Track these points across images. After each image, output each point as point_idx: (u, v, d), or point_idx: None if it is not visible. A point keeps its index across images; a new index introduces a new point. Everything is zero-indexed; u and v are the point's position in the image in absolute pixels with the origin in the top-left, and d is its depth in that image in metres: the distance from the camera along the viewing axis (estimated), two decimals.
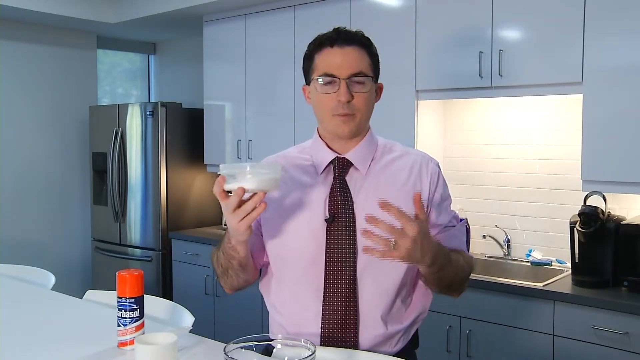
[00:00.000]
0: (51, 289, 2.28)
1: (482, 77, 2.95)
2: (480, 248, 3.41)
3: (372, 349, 1.49)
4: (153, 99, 5.51)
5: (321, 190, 1.51)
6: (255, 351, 1.31)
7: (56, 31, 4.69)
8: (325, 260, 1.47)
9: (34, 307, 2.02)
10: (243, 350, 1.27)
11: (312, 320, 1.49)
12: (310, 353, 1.21)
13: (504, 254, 3.31)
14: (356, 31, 1.53)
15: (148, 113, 4.25)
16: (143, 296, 1.56)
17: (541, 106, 3.21)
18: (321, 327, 1.48)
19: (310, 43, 1.53)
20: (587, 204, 2.71)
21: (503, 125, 3.34)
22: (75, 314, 1.95)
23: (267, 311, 1.63)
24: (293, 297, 1.53)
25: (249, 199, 1.31)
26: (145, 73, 5.53)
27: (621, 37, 2.59)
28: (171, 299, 3.12)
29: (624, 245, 2.63)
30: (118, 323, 1.54)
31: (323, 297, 1.47)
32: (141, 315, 1.54)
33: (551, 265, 3.09)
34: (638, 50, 2.55)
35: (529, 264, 3.16)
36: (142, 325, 1.55)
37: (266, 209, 1.36)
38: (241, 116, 4.12)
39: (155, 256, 4.29)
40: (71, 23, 4.52)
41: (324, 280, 1.47)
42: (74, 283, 4.73)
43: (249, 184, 1.28)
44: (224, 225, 4.31)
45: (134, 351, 1.40)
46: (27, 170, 4.58)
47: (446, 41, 3.09)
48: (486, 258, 3.33)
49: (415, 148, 3.14)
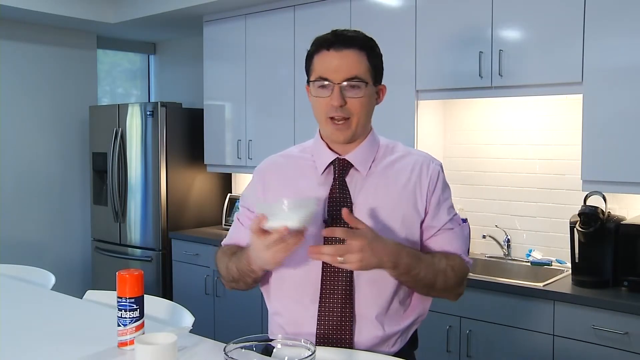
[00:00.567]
0: (51, 289, 2.29)
1: (482, 77, 2.95)
2: (480, 248, 3.41)
3: (369, 350, 1.48)
4: (153, 99, 5.51)
5: (321, 191, 1.51)
6: (255, 351, 1.31)
7: (56, 31, 4.69)
8: (322, 261, 1.47)
9: (34, 307, 2.02)
10: (243, 350, 1.27)
11: (310, 320, 1.49)
12: (310, 353, 1.21)
13: (504, 254, 3.31)
14: (356, 32, 1.50)
15: (148, 113, 4.25)
16: (143, 296, 1.56)
17: (541, 106, 3.20)
18: (317, 328, 1.48)
19: (311, 43, 1.53)
20: (587, 204, 2.71)
21: (503, 125, 3.34)
22: (75, 314, 1.95)
23: (267, 311, 1.63)
24: (292, 298, 1.53)
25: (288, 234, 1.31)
26: (145, 73, 5.53)
27: (621, 37, 2.59)
28: (171, 299, 3.12)
29: (624, 245, 2.63)
30: (118, 323, 1.54)
31: (320, 298, 1.48)
32: (141, 315, 1.54)
33: (551, 265, 3.09)
34: (638, 50, 2.55)
35: (529, 264, 3.15)
36: (142, 325, 1.55)
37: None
38: (241, 116, 4.12)
39: (155, 256, 4.29)
40: (71, 23, 4.53)
41: (321, 280, 1.48)
42: (74, 283, 4.73)
43: (292, 223, 1.30)
44: (224, 225, 4.31)
45: (134, 351, 1.40)
46: (27, 170, 4.58)
47: (446, 41, 3.09)
48: (486, 258, 3.33)
49: (415, 148, 3.15)
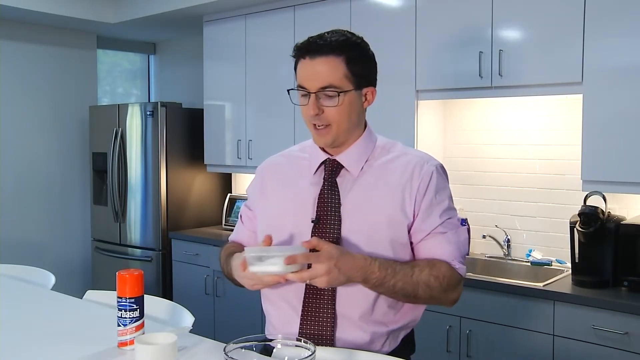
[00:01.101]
0: (51, 289, 2.28)
1: (482, 77, 2.95)
2: (480, 248, 3.41)
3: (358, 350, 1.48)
4: (153, 99, 5.51)
5: (311, 190, 1.52)
6: (255, 351, 1.31)
7: (56, 31, 4.69)
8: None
9: (34, 307, 2.02)
10: (243, 350, 1.27)
11: (296, 318, 1.50)
12: (310, 353, 1.21)
13: (504, 254, 3.30)
14: (331, 37, 1.44)
15: (148, 113, 4.25)
16: (143, 296, 1.56)
17: (541, 106, 3.20)
18: (300, 325, 1.49)
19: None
20: (587, 204, 2.70)
21: (503, 125, 3.34)
22: (75, 314, 1.95)
23: None
24: (281, 297, 1.54)
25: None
26: (145, 73, 5.53)
27: (621, 37, 2.59)
28: (171, 299, 3.12)
29: (624, 245, 2.63)
30: (118, 323, 1.54)
31: (304, 297, 1.49)
32: (141, 315, 1.55)
33: (551, 265, 3.09)
34: (638, 50, 2.55)
35: (529, 264, 3.15)
36: (142, 325, 1.55)
37: (263, 206, 1.50)
38: (241, 116, 4.12)
39: (155, 256, 4.29)
40: (71, 23, 4.52)
41: None
42: (74, 283, 4.73)
43: (276, 269, 1.33)
44: (224, 225, 4.31)
45: (134, 351, 1.40)
46: (27, 170, 4.58)
47: (446, 41, 3.09)
48: (486, 258, 3.33)
49: (415, 148, 3.15)
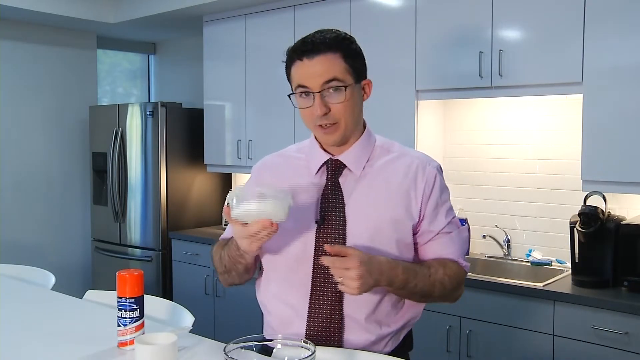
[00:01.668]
0: (51, 289, 2.28)
1: (482, 77, 2.95)
2: (480, 248, 3.41)
3: (360, 350, 1.48)
4: (153, 99, 5.51)
5: (314, 191, 1.51)
6: (255, 351, 1.31)
7: (56, 31, 4.69)
8: (313, 261, 1.47)
9: (34, 307, 2.01)
10: (243, 350, 1.27)
11: (298, 319, 1.50)
12: (310, 353, 1.21)
13: (504, 254, 3.30)
14: (324, 34, 1.47)
15: (148, 113, 4.25)
16: (143, 296, 1.56)
17: (541, 106, 3.20)
18: (306, 327, 1.48)
19: (285, 54, 1.52)
20: (587, 204, 2.71)
21: (503, 125, 3.34)
22: (75, 314, 1.95)
23: None
24: (279, 296, 1.54)
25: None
26: (145, 73, 5.53)
27: (621, 37, 2.59)
28: (171, 299, 3.12)
29: (624, 245, 2.63)
30: (118, 323, 1.54)
31: (310, 298, 1.48)
32: (141, 315, 1.55)
33: (551, 265, 3.09)
34: (638, 50, 2.55)
35: (529, 264, 3.15)
36: (142, 325, 1.55)
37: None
38: (241, 116, 4.12)
39: (155, 256, 4.29)
40: (71, 23, 4.52)
41: (312, 281, 1.48)
42: (74, 283, 4.73)
43: (254, 207, 1.30)
44: (224, 225, 4.31)
45: (134, 351, 1.40)
46: (27, 170, 4.58)
47: (446, 41, 3.09)
48: (486, 258, 3.33)
49: (415, 148, 3.14)
